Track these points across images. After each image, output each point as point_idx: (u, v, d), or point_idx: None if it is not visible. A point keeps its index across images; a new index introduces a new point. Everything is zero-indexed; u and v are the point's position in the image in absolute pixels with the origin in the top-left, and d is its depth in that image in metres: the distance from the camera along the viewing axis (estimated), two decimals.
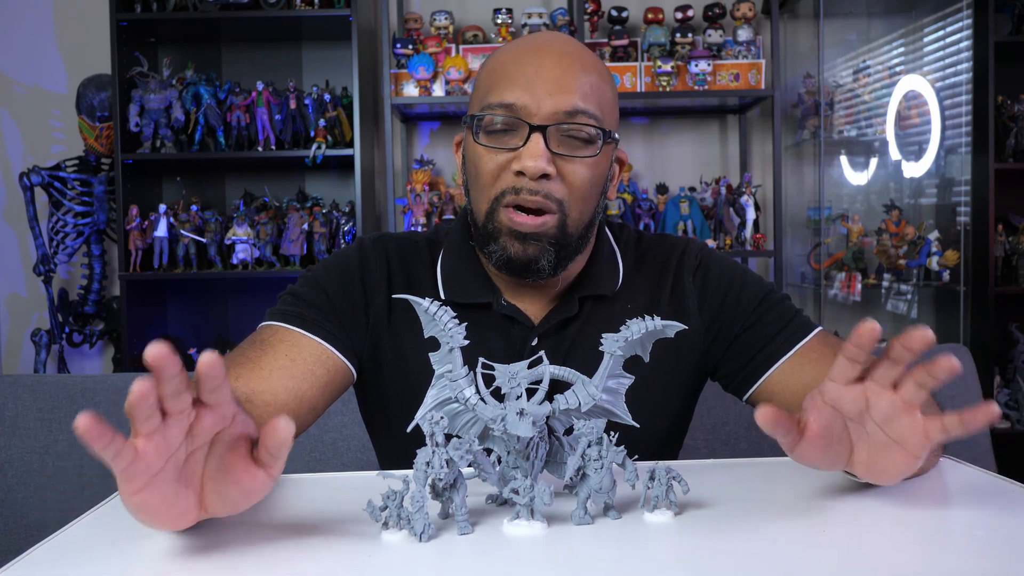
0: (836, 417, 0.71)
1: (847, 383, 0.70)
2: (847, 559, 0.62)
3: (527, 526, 0.68)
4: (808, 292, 3.23)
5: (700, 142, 3.24)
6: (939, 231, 3.04)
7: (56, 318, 3.01)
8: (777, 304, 1.04)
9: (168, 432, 0.58)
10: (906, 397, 0.68)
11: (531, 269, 0.95)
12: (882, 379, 0.69)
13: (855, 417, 0.71)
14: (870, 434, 0.71)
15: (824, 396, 0.71)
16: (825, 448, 0.70)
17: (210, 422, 0.60)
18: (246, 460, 0.62)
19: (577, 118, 0.93)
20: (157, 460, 0.58)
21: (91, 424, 0.53)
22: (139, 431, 0.57)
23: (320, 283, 1.01)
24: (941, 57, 3.10)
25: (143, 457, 0.57)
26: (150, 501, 0.59)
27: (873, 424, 0.70)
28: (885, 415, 0.69)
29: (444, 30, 2.91)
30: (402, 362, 1.01)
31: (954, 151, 3.07)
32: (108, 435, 0.54)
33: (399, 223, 2.99)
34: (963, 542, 0.66)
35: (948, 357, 0.64)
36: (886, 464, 0.71)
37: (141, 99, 2.83)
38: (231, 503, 0.63)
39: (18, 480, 1.41)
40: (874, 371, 0.69)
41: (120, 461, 0.56)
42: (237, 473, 0.62)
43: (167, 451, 0.59)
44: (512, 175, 0.93)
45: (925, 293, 3.18)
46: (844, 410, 0.71)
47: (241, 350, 0.95)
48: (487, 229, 0.96)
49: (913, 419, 0.69)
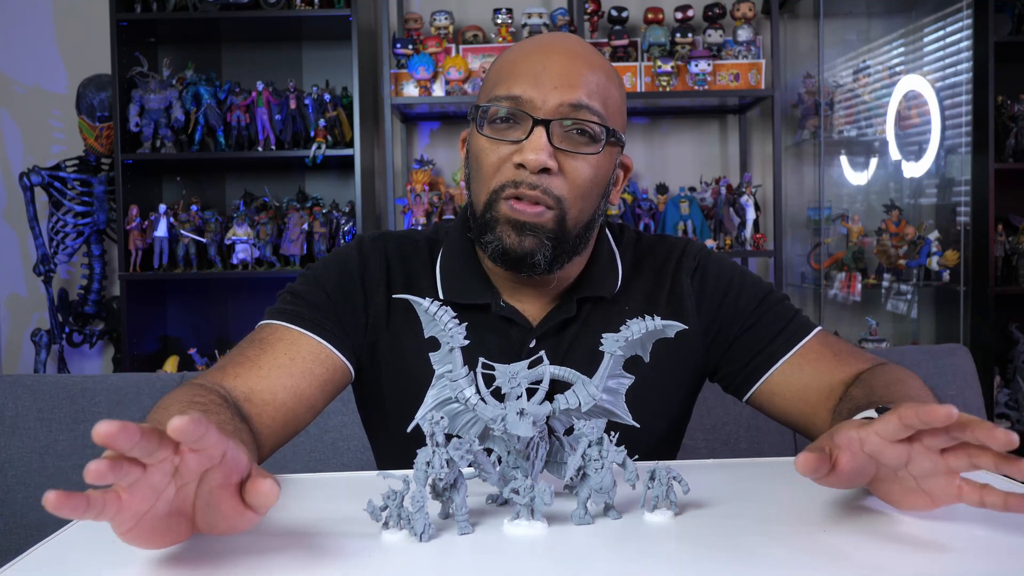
0: (870, 462, 0.68)
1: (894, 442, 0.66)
2: (847, 559, 0.62)
3: (527, 526, 0.68)
4: (808, 292, 3.23)
5: (700, 142, 3.24)
6: (939, 231, 3.04)
7: (56, 318, 3.01)
8: (776, 304, 1.04)
9: (151, 479, 0.56)
10: (954, 466, 0.66)
11: (526, 263, 0.94)
12: (933, 446, 0.65)
13: (892, 468, 0.69)
14: (900, 480, 0.69)
15: (864, 447, 0.67)
16: (849, 483, 0.69)
17: (196, 463, 0.58)
18: (234, 500, 0.60)
19: (581, 113, 0.93)
20: (143, 505, 0.57)
21: (61, 501, 0.50)
22: (120, 485, 0.55)
23: (319, 281, 1.01)
24: (941, 57, 3.10)
25: (127, 506, 0.56)
26: (141, 536, 0.59)
27: (907, 473, 0.69)
28: (924, 472, 0.67)
29: (444, 30, 2.91)
30: (401, 361, 1.01)
31: (954, 151, 3.07)
32: (81, 505, 0.52)
33: (399, 223, 2.99)
34: (963, 542, 0.66)
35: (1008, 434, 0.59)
36: (905, 503, 0.70)
37: (141, 99, 2.83)
38: (222, 531, 0.63)
39: (18, 480, 1.41)
40: (927, 438, 0.65)
41: (106, 516, 0.54)
42: (225, 511, 0.60)
43: (153, 496, 0.57)
44: (513, 168, 0.93)
45: (925, 293, 3.18)
46: (881, 462, 0.68)
47: (240, 349, 0.95)
48: (485, 219, 0.95)
49: (950, 481, 0.67)
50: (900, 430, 0.64)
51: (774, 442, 1.50)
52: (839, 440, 0.67)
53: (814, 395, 0.97)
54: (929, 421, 0.61)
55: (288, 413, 0.92)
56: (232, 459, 0.60)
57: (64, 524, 0.72)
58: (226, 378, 0.91)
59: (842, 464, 0.66)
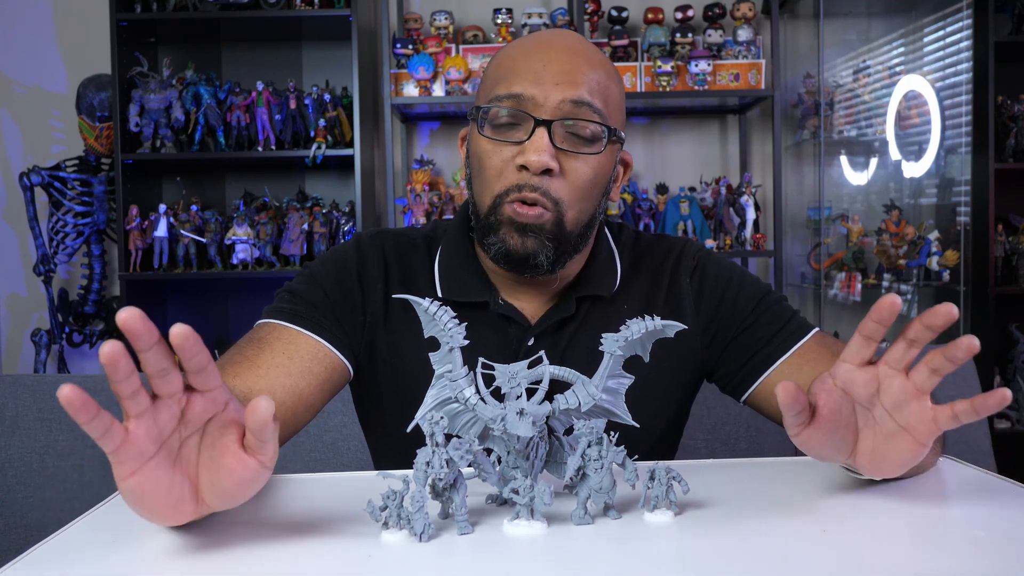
0: (845, 401, 0.71)
1: (860, 364, 0.70)
2: (847, 559, 0.62)
3: (527, 526, 0.68)
4: (808, 292, 3.23)
5: (700, 142, 3.24)
6: (939, 231, 3.04)
7: (56, 318, 3.01)
8: (774, 305, 1.04)
9: (159, 415, 0.58)
10: (918, 382, 0.68)
11: (529, 264, 0.94)
12: (896, 363, 0.69)
13: (865, 401, 0.71)
14: (878, 421, 0.71)
15: (836, 378, 0.70)
16: (831, 432, 0.70)
17: (201, 407, 0.60)
18: (236, 447, 0.61)
19: (582, 110, 0.93)
20: (149, 444, 0.58)
21: (75, 395, 0.52)
22: (128, 412, 0.57)
23: (317, 280, 1.01)
24: (941, 57, 3.10)
25: (134, 439, 0.57)
26: (144, 486, 0.59)
27: (882, 410, 0.70)
28: (895, 400, 0.69)
29: (444, 30, 2.91)
30: (398, 360, 1.01)
31: (954, 151, 3.07)
32: (92, 409, 0.53)
33: (399, 223, 2.99)
34: (963, 542, 0.66)
35: (969, 338, 0.64)
36: (891, 452, 0.71)
37: (141, 99, 2.83)
38: (226, 494, 0.63)
39: (18, 480, 1.41)
40: (888, 353, 0.69)
41: (109, 441, 0.56)
42: (228, 460, 0.61)
43: (159, 435, 0.58)
44: (515, 170, 0.93)
45: (925, 293, 3.18)
46: (854, 393, 0.70)
47: (239, 348, 0.95)
48: (489, 221, 0.95)
49: (923, 405, 0.69)
50: (863, 344, 0.69)
51: (774, 442, 1.50)
52: (813, 387, 0.71)
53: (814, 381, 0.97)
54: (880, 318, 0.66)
55: (287, 413, 0.92)
56: (234, 409, 0.62)
57: (64, 524, 0.72)
58: (225, 377, 0.90)
59: (820, 408, 0.69)
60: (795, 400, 0.66)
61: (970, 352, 0.64)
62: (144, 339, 0.54)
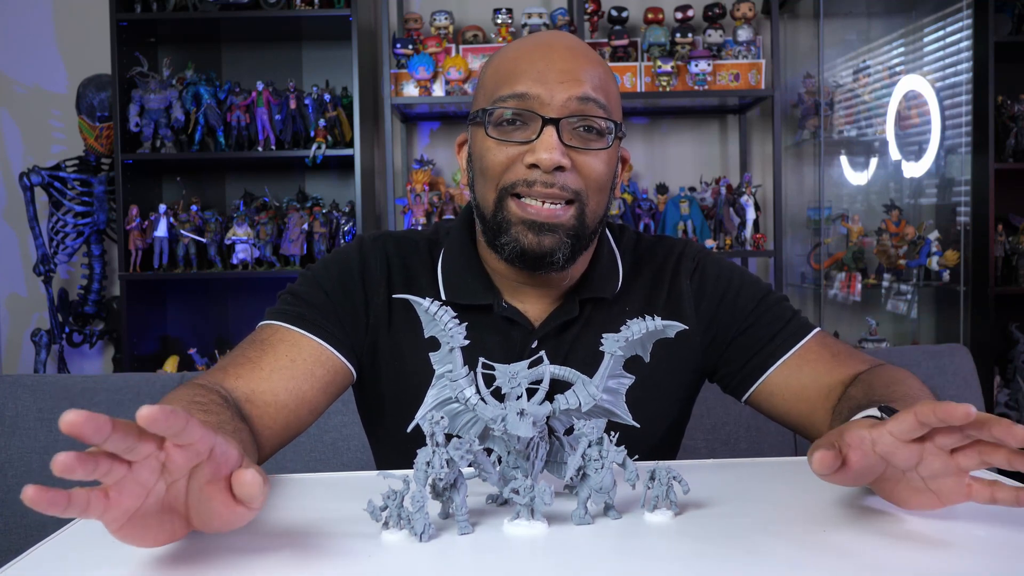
0: (880, 462, 0.68)
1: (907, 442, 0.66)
2: (847, 559, 0.62)
3: (527, 526, 0.68)
4: (808, 292, 3.23)
5: (700, 142, 3.24)
6: (939, 231, 3.04)
7: (56, 318, 3.01)
8: (775, 305, 1.04)
9: (139, 476, 0.55)
10: (964, 466, 0.66)
11: (545, 262, 0.94)
12: (945, 446, 0.65)
13: (902, 469, 0.68)
14: (908, 479, 0.69)
15: (876, 447, 0.66)
16: (855, 481, 0.69)
17: (183, 459, 0.57)
18: (225, 495, 0.59)
19: (588, 106, 0.93)
20: (133, 502, 0.56)
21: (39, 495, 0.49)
22: (105, 483, 0.54)
23: (319, 282, 1.01)
24: (941, 57, 3.10)
25: (115, 504, 0.55)
26: (134, 533, 0.58)
27: (915, 474, 0.68)
28: (934, 472, 0.67)
29: (444, 30, 2.91)
30: (401, 361, 1.01)
31: (954, 151, 3.07)
32: (61, 502, 0.50)
33: (399, 223, 2.99)
34: (963, 542, 0.66)
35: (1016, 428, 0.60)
36: (911, 502, 0.70)
37: (141, 99, 2.83)
38: (216, 529, 0.62)
39: (18, 480, 1.41)
40: (939, 437, 0.65)
41: (93, 513, 0.53)
42: (216, 507, 0.60)
43: (142, 493, 0.56)
44: (523, 168, 0.93)
45: (925, 293, 3.18)
46: (893, 462, 0.67)
47: (241, 349, 0.95)
48: (496, 220, 0.95)
49: (960, 482, 0.67)
50: (916, 429, 0.63)
51: (774, 442, 1.50)
52: (849, 439, 0.66)
53: (812, 395, 0.97)
54: (947, 419, 0.60)
55: (289, 415, 0.92)
56: (221, 454, 0.58)
57: (64, 524, 0.72)
58: (227, 379, 0.90)
59: (852, 462, 0.65)
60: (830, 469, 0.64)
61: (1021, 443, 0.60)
62: (97, 437, 0.50)
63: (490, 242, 0.98)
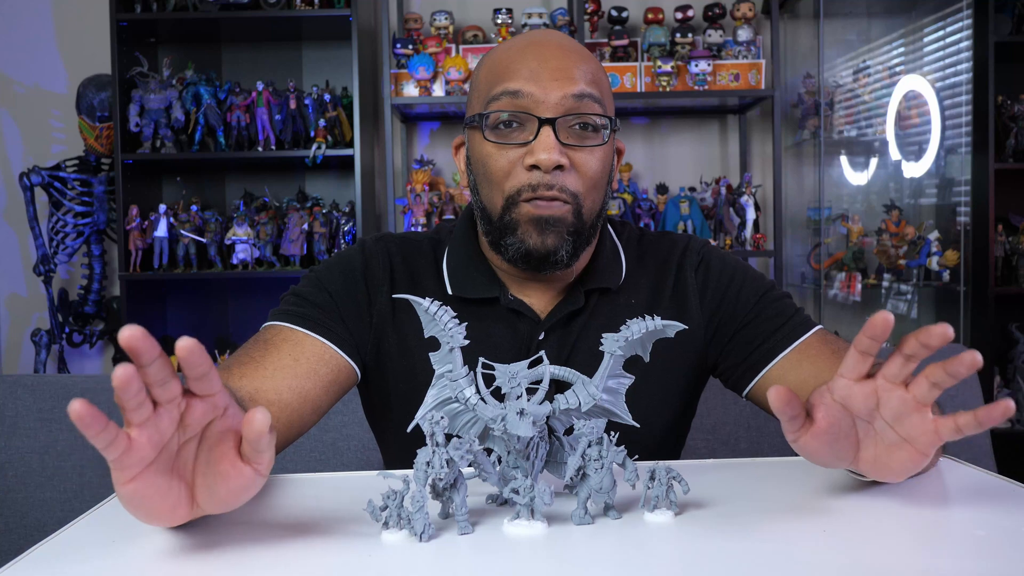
0: (844, 415, 0.69)
1: (858, 379, 0.68)
2: (847, 559, 0.62)
3: (527, 526, 0.68)
4: (808, 292, 3.23)
5: (700, 142, 3.24)
6: (939, 231, 3.04)
7: (56, 318, 3.01)
8: (777, 301, 1.05)
9: (160, 422, 0.58)
10: (918, 395, 0.67)
11: (549, 261, 0.95)
12: (894, 377, 0.67)
13: (864, 415, 0.70)
14: (879, 432, 0.70)
15: (833, 393, 0.69)
16: (831, 443, 0.69)
17: (201, 412, 0.60)
18: (233, 455, 0.61)
19: (584, 102, 0.94)
20: (150, 450, 0.58)
21: (85, 411, 0.52)
22: (131, 421, 0.57)
23: (323, 283, 1.01)
24: (941, 57, 3.10)
25: (136, 447, 0.57)
26: (142, 491, 0.59)
27: (882, 422, 0.70)
28: (895, 413, 0.68)
29: (444, 30, 2.91)
30: (406, 360, 1.01)
31: (954, 151, 3.07)
32: (102, 422, 0.54)
33: (399, 223, 2.99)
34: (963, 542, 0.66)
35: (972, 353, 0.62)
36: (893, 462, 0.70)
37: (141, 99, 2.83)
38: (221, 500, 0.63)
39: (18, 480, 1.41)
40: (886, 368, 0.68)
41: (113, 450, 0.56)
42: (224, 467, 0.61)
43: (160, 441, 0.58)
44: (525, 171, 0.94)
45: (925, 293, 3.18)
46: (853, 408, 0.69)
47: (245, 350, 0.95)
48: (504, 222, 0.96)
49: (924, 417, 0.67)
50: (859, 360, 0.67)
51: (774, 442, 1.50)
52: (811, 399, 0.70)
53: (812, 391, 0.97)
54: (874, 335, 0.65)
55: (293, 414, 0.92)
56: (233, 415, 0.62)
57: (64, 524, 0.72)
58: (231, 378, 0.91)
59: (818, 420, 0.68)
60: (787, 404, 0.65)
61: (973, 367, 0.62)
62: (147, 355, 0.55)
63: (494, 243, 0.99)
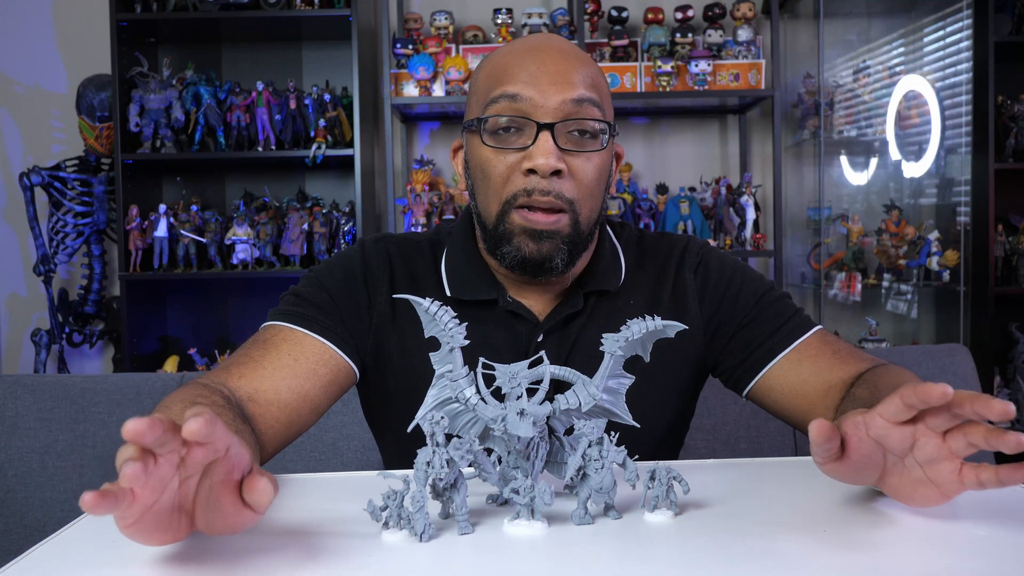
0: (877, 448, 0.69)
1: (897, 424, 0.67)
2: (847, 559, 0.62)
3: (527, 526, 0.68)
4: (808, 292, 3.23)
5: (700, 142, 3.24)
6: (939, 231, 3.04)
7: (56, 318, 3.01)
8: (776, 301, 1.05)
9: (160, 471, 0.57)
10: (953, 448, 0.66)
11: (544, 268, 0.96)
12: (936, 427, 0.66)
13: (898, 453, 0.69)
14: (907, 468, 0.70)
15: (869, 430, 0.68)
16: (858, 471, 0.70)
17: (201, 456, 0.58)
18: (234, 497, 0.60)
19: (583, 106, 0.94)
20: (151, 497, 0.57)
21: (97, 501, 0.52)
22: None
23: (322, 283, 1.01)
24: (941, 57, 3.10)
25: (138, 499, 0.56)
26: (144, 529, 0.59)
27: (913, 461, 0.69)
28: (928, 457, 0.68)
29: (444, 30, 2.91)
30: (406, 360, 1.01)
31: (954, 151, 3.07)
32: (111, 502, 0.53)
33: (399, 223, 2.99)
34: (963, 542, 0.66)
35: (1017, 435, 0.61)
36: (916, 496, 0.70)
37: (141, 99, 2.83)
38: (218, 531, 0.62)
39: (18, 480, 1.41)
40: (929, 418, 0.66)
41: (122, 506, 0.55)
42: (225, 508, 0.60)
43: (160, 488, 0.58)
44: (522, 176, 0.94)
45: (925, 293, 3.18)
46: (888, 446, 0.68)
47: (244, 349, 0.95)
48: (498, 231, 0.96)
49: (953, 467, 0.67)
50: (902, 410, 0.65)
51: (774, 442, 1.50)
52: (846, 427, 0.68)
53: (812, 391, 0.97)
54: (926, 399, 0.62)
55: (292, 414, 0.92)
56: (235, 455, 0.60)
57: (64, 524, 0.72)
58: (230, 378, 0.91)
59: (850, 449, 0.67)
60: (827, 440, 0.65)
61: (1017, 448, 0.62)
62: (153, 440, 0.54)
63: (491, 250, 0.99)
